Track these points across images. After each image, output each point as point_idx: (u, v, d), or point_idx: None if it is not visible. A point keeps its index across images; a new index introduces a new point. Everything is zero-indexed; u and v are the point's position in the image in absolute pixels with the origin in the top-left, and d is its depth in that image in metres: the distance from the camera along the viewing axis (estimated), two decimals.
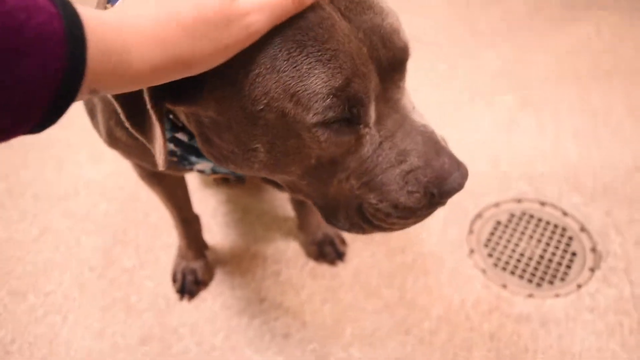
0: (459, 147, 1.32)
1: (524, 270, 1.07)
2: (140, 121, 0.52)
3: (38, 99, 0.34)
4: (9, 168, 1.34)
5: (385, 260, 1.07)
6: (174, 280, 1.06)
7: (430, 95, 1.50)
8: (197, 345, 0.98)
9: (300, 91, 0.45)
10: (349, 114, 0.48)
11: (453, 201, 1.17)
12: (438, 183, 0.51)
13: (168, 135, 0.62)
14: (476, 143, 1.34)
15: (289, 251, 1.11)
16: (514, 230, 1.15)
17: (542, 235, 1.14)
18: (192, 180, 1.27)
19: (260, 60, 0.45)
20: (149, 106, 0.48)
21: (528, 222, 1.17)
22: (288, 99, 0.46)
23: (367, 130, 0.51)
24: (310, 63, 0.45)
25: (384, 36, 0.48)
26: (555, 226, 1.15)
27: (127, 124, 0.52)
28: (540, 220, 1.17)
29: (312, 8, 0.45)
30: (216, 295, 1.04)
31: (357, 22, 0.47)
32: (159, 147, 0.51)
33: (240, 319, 1.01)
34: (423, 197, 0.52)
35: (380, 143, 0.51)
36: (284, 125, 0.49)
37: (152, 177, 0.88)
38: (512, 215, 1.18)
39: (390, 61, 0.49)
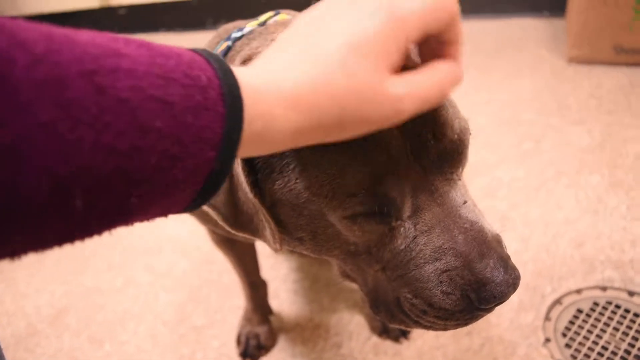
0: (540, 226, 1.27)
1: None
2: (236, 219, 0.55)
3: (182, 200, 0.34)
4: None
5: (450, 343, 1.03)
6: (238, 342, 1.08)
7: (514, 171, 1.46)
8: None
9: (335, 188, 0.47)
10: (379, 210, 0.47)
11: (529, 284, 1.13)
12: (476, 288, 0.46)
13: None
14: (559, 223, 1.27)
15: (352, 324, 1.09)
16: (597, 320, 1.07)
17: (630, 328, 1.04)
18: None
19: (306, 155, 0.47)
20: (251, 195, 0.50)
21: (614, 312, 1.08)
22: (324, 195, 0.48)
23: (399, 223, 0.50)
24: (345, 161, 0.46)
25: (434, 128, 0.48)
26: None
27: (229, 228, 0.56)
28: (627, 311, 1.07)
29: None
30: None
31: None
32: (269, 234, 0.53)
33: None
34: (460, 300, 0.48)
35: (415, 237, 0.49)
36: (322, 216, 0.50)
37: (225, 242, 0.93)
38: (596, 304, 1.09)
39: (440, 153, 0.48)
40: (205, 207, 0.55)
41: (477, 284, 0.46)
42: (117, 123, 0.27)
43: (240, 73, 0.34)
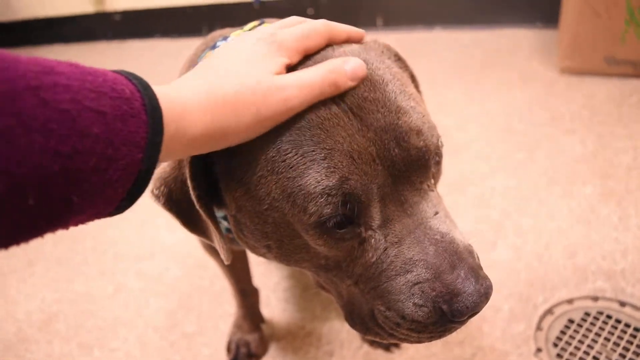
0: (533, 235, 1.27)
1: None
2: (195, 226, 0.57)
3: (113, 199, 0.38)
4: (98, 227, 1.45)
5: (441, 353, 1.02)
6: (228, 350, 1.07)
7: (507, 181, 1.47)
8: None
9: (296, 192, 0.46)
10: (346, 212, 0.47)
11: (521, 294, 1.13)
12: (448, 299, 0.46)
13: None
14: (551, 232, 1.28)
15: (343, 332, 1.09)
16: (589, 330, 1.07)
17: (621, 338, 1.04)
18: None
19: (262, 162, 0.47)
20: (197, 206, 0.52)
21: (605, 322, 1.08)
22: (286, 200, 0.47)
23: (370, 233, 0.49)
24: (305, 163, 0.46)
25: (398, 135, 0.47)
26: (636, 329, 1.05)
27: (186, 230, 0.57)
28: (618, 321, 1.08)
29: (316, 108, 0.47)
30: None
31: (367, 121, 0.47)
32: (217, 243, 0.55)
33: None
34: (432, 312, 0.47)
35: (386, 249, 0.49)
36: (288, 225, 0.49)
37: (213, 248, 0.92)
38: (587, 314, 1.10)
39: (406, 161, 0.48)
40: (169, 213, 0.56)
41: (449, 295, 0.46)
42: (61, 130, 0.32)
43: (158, 89, 0.41)
